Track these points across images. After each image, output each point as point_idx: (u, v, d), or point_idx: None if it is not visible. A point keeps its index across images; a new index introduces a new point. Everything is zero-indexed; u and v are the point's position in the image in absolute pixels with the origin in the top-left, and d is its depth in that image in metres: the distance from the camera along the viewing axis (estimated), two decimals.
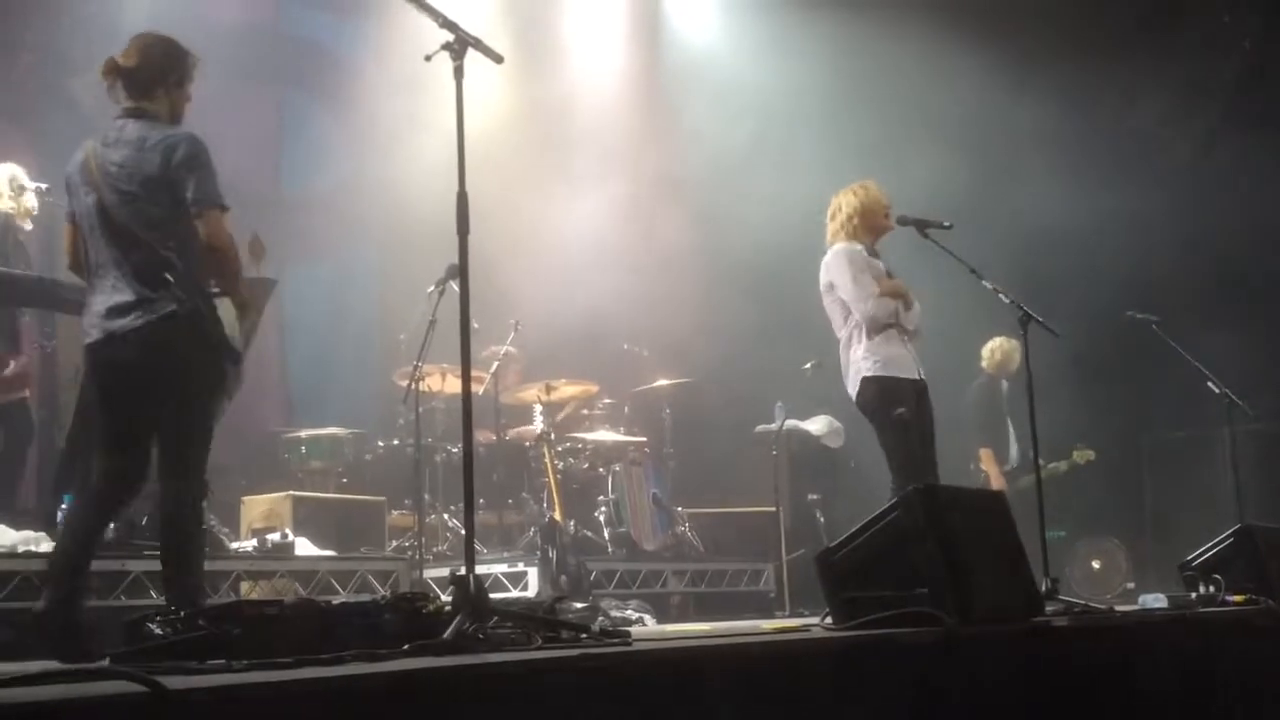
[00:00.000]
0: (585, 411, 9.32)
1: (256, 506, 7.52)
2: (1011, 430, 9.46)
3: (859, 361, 6.46)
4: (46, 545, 5.78)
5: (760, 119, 10.77)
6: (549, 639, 3.83)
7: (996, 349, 9.54)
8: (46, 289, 6.80)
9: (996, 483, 9.07)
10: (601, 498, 8.56)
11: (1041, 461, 6.47)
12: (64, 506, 5.90)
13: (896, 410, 6.32)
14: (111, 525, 5.98)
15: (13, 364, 6.86)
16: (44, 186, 6.83)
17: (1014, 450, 9.46)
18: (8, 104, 8.21)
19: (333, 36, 10.05)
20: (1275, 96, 9.93)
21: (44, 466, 7.15)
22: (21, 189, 6.84)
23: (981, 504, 5.21)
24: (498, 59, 4.48)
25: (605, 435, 9.03)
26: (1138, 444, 10.15)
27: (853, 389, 6.52)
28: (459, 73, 4.34)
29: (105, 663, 3.23)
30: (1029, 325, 6.42)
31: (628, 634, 4.16)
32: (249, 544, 6.85)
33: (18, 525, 5.88)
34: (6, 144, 7.29)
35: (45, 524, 5.96)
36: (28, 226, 6.89)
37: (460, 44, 4.35)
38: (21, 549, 5.67)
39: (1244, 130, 9.93)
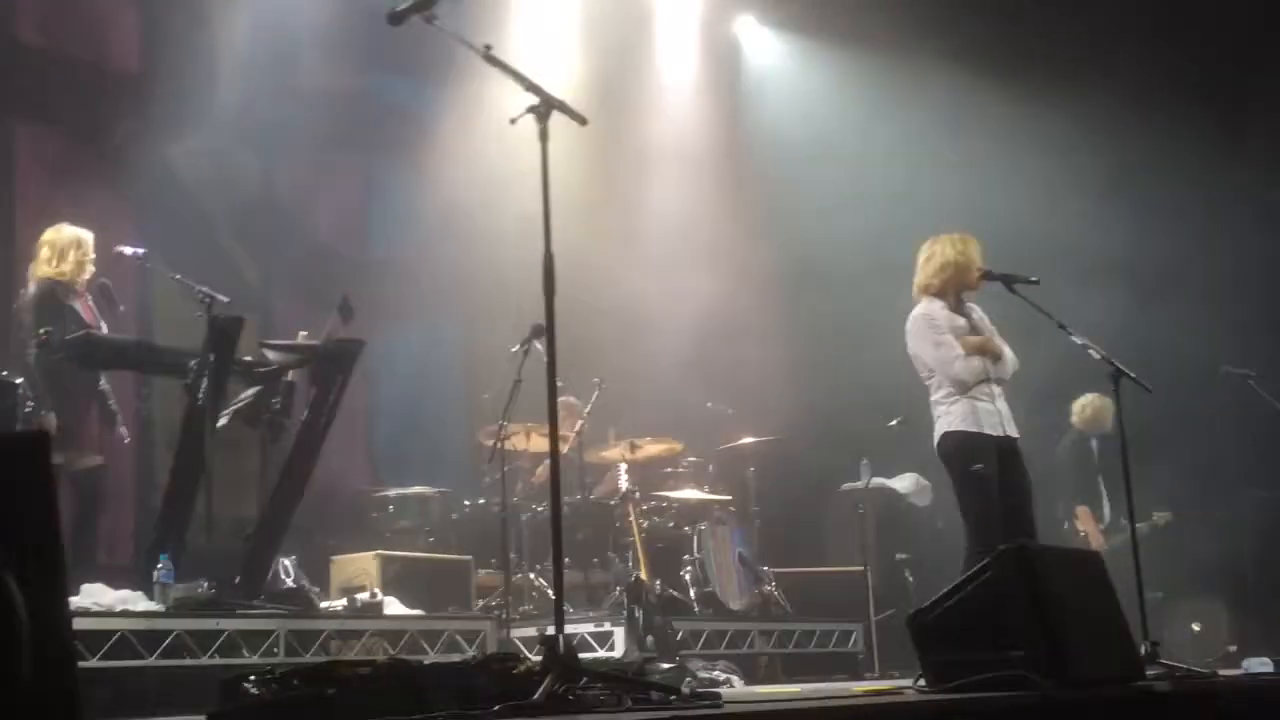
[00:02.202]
0: (670, 470, 9.29)
1: (346, 566, 7.57)
2: (1104, 488, 9.28)
3: (943, 416, 6.42)
4: (143, 604, 5.87)
5: (845, 174, 10.74)
6: (639, 700, 3.81)
7: (1087, 405, 9.38)
8: (141, 352, 6.95)
9: (1095, 542, 8.89)
10: (687, 557, 8.50)
11: (1124, 522, 6.34)
12: (160, 566, 6.01)
13: (974, 466, 6.25)
14: (205, 584, 6.08)
15: (121, 431, 6.97)
16: (141, 252, 6.97)
17: (1107, 509, 9.28)
18: (107, 173, 8.44)
19: (418, 101, 10.22)
20: None
21: (140, 526, 7.25)
22: (59, 254, 6.87)
23: (1078, 564, 5.12)
24: (582, 121, 4.53)
25: (690, 494, 8.99)
26: (1238, 503, 9.88)
27: (936, 442, 6.48)
28: (544, 135, 4.40)
29: None
30: (1121, 381, 6.32)
31: (718, 695, 4.13)
32: (339, 603, 6.90)
33: (116, 585, 5.97)
34: (106, 211, 7.49)
35: (142, 583, 6.05)
36: (82, 289, 6.92)
37: (545, 106, 4.41)
38: (119, 608, 5.75)
39: None
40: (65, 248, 6.85)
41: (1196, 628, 9.49)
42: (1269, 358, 8.59)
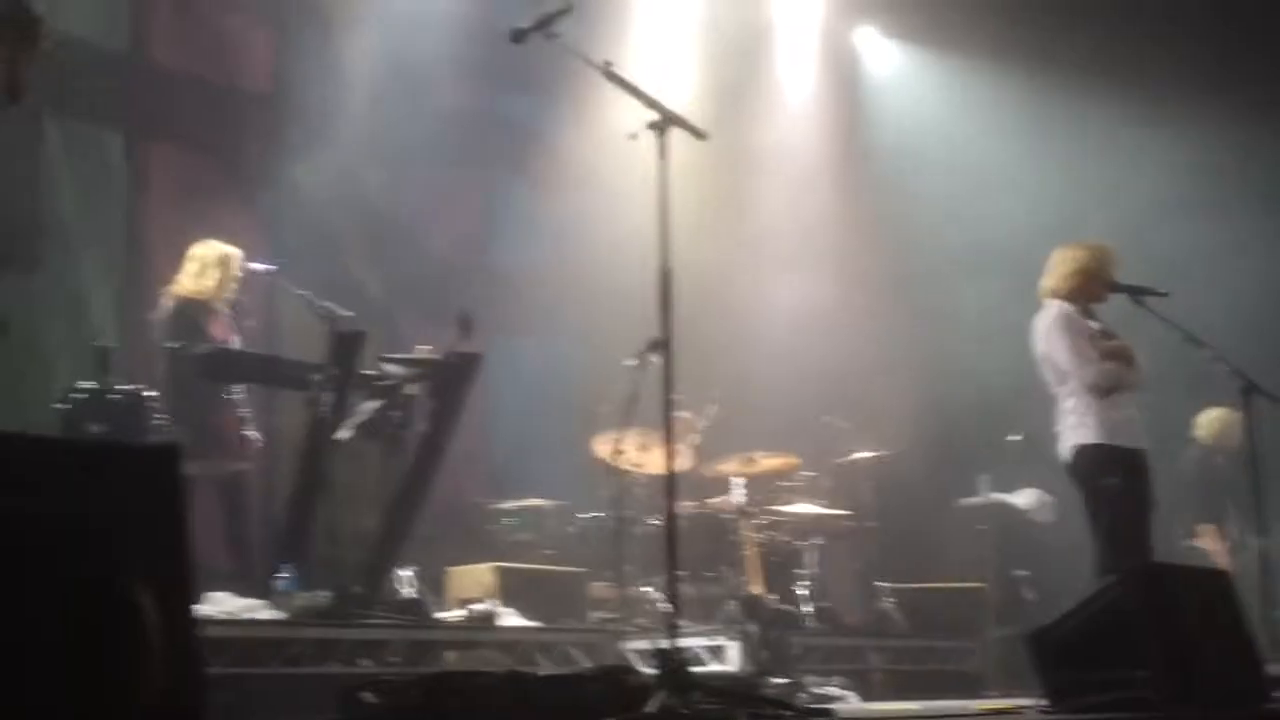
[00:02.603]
0: (785, 484, 9.24)
1: (462, 577, 7.67)
2: (1230, 507, 9.00)
3: (1075, 427, 6.23)
4: (266, 614, 6.00)
5: (962, 183, 10.63)
6: (752, 715, 3.81)
7: (1215, 419, 9.08)
8: (268, 366, 7.14)
9: (1221, 561, 8.64)
10: (802, 571, 8.46)
11: (1251, 540, 6.18)
12: (282, 575, 6.15)
13: (1107, 480, 6.09)
14: (326, 593, 6.20)
15: (253, 435, 7.19)
16: (271, 267, 7.17)
17: (1234, 527, 9.01)
18: (237, 190, 8.68)
19: (539, 117, 10.33)
20: None
21: (265, 536, 7.42)
22: (204, 269, 7.10)
23: (1205, 583, 5.00)
24: (701, 136, 4.57)
25: (805, 508, 8.94)
26: None
27: (1066, 455, 6.29)
28: (663, 151, 4.43)
29: None
30: (1252, 396, 6.15)
31: (832, 712, 4.11)
32: (456, 614, 6.99)
33: (242, 593, 6.12)
34: (236, 228, 7.70)
35: (265, 592, 6.19)
36: (219, 307, 7.16)
37: (664, 122, 4.45)
38: (243, 616, 5.89)
39: None
40: (211, 264, 7.10)
41: None
42: None
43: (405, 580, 6.94)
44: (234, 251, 7.17)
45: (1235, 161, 9.67)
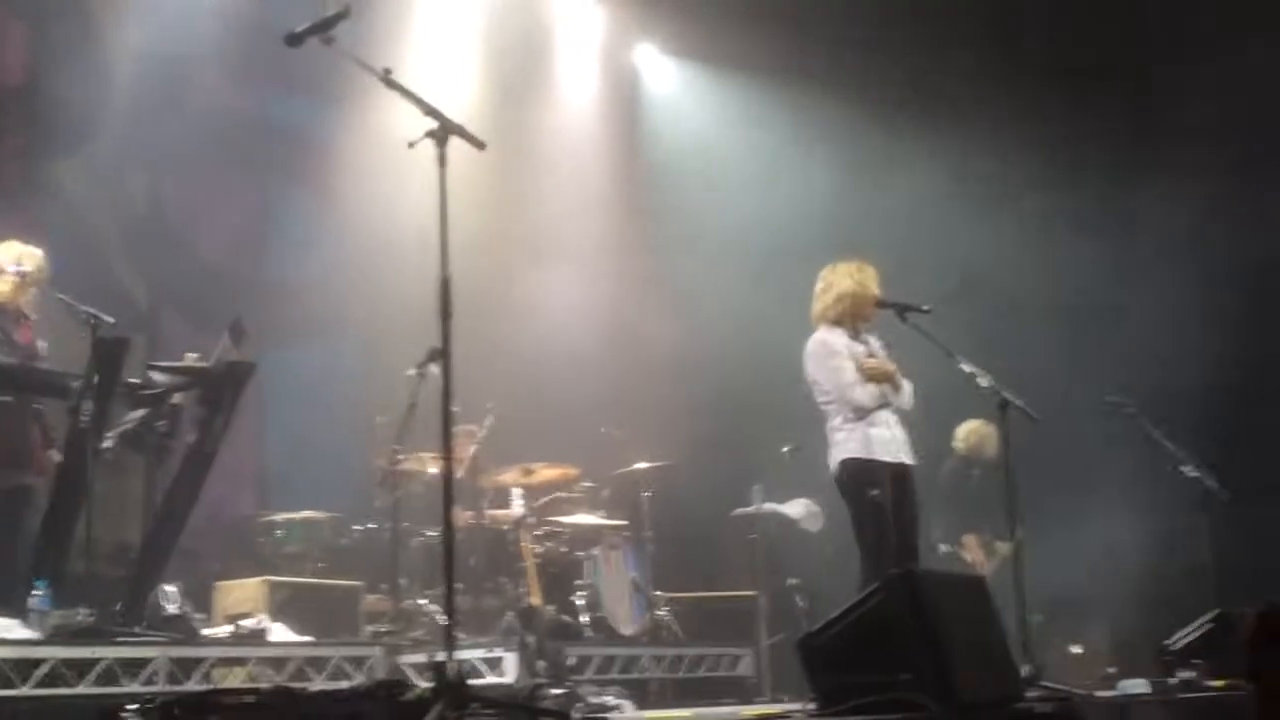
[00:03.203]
0: (564, 495, 9.27)
1: (231, 592, 7.44)
2: (986, 516, 9.41)
3: (841, 443, 6.49)
4: (19, 632, 5.71)
5: (739, 198, 10.91)
6: None
7: (972, 432, 9.49)
8: (21, 374, 6.77)
9: (981, 568, 9.02)
10: (580, 582, 8.49)
11: (998, 545, 6.48)
12: (36, 592, 5.85)
13: (870, 492, 6.33)
14: (85, 611, 5.93)
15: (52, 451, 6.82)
16: (25, 269, 6.81)
17: (989, 536, 9.41)
18: None
19: (315, 123, 10.12)
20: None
21: (18, 552, 7.05)
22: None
23: (963, 588, 5.23)
24: (480, 146, 4.57)
25: (584, 519, 8.99)
26: (1120, 529, 10.13)
27: (833, 468, 6.55)
28: (442, 160, 4.41)
29: None
30: (1007, 410, 6.45)
31: None
32: (223, 630, 6.78)
33: None
34: None
35: (18, 611, 5.88)
36: (23, 309, 6.82)
37: (443, 131, 4.43)
38: None
39: (1239, 213, 9.89)
40: (2, 266, 6.72)
41: (1076, 650, 9.68)
42: (1152, 386, 8.82)
43: (170, 596, 6.69)
44: (34, 251, 6.80)
45: (997, 170, 10.15)
